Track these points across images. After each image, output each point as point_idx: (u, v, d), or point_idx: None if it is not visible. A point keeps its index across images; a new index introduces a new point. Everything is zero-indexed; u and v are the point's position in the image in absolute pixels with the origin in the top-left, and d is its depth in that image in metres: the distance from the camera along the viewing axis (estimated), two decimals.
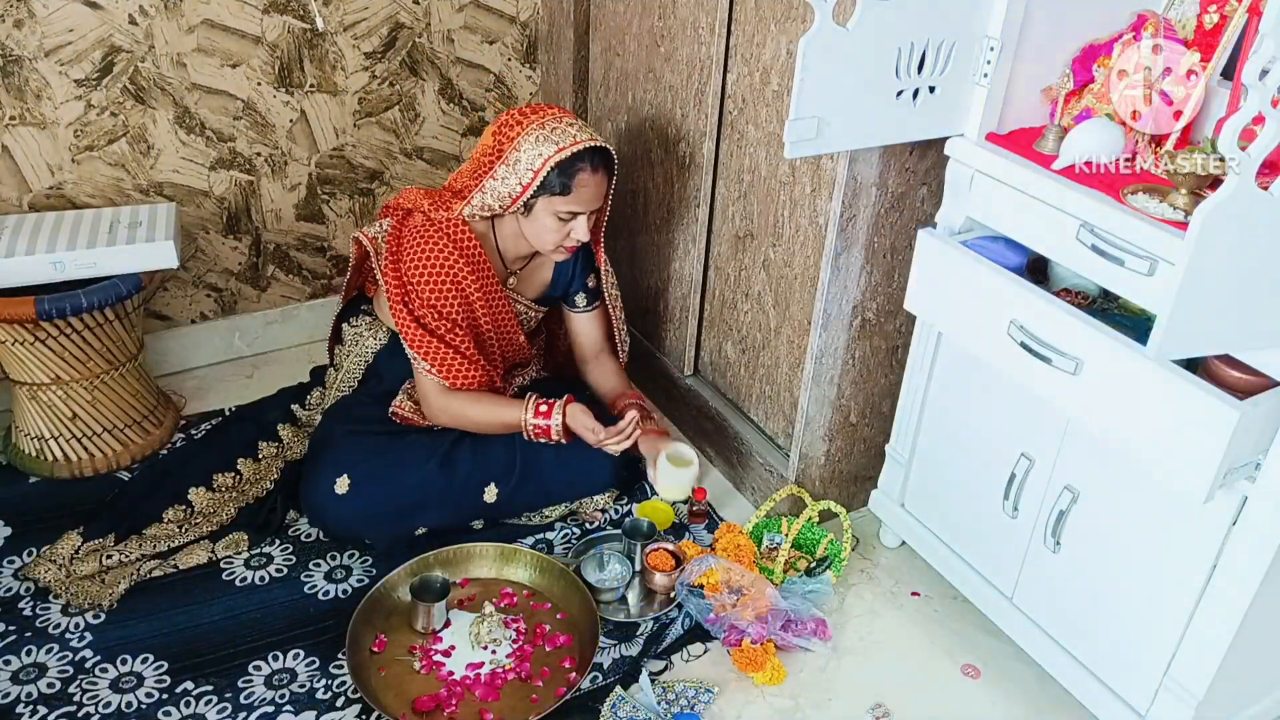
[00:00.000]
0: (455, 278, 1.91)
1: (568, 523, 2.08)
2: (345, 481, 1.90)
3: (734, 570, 1.86)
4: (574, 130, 1.85)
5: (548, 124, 1.85)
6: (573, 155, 1.83)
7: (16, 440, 2.14)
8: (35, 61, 2.07)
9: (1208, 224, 1.12)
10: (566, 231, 1.91)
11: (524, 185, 1.85)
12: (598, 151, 1.87)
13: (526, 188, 1.85)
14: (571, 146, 1.83)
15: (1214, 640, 1.43)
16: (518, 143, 1.85)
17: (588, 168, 1.86)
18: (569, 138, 1.84)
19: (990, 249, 1.61)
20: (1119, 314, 1.54)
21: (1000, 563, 1.78)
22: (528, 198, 1.86)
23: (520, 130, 1.86)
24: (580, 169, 1.85)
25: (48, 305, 1.90)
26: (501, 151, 1.87)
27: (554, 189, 1.85)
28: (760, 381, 2.18)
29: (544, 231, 1.91)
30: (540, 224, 1.90)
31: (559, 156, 1.82)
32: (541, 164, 1.82)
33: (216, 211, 2.40)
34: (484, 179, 1.89)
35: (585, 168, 1.85)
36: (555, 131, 1.84)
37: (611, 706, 1.68)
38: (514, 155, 1.85)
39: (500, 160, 1.87)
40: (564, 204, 1.87)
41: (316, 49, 2.34)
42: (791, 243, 1.97)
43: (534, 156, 1.83)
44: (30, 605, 1.80)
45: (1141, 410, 1.35)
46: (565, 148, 1.83)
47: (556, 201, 1.86)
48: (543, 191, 1.86)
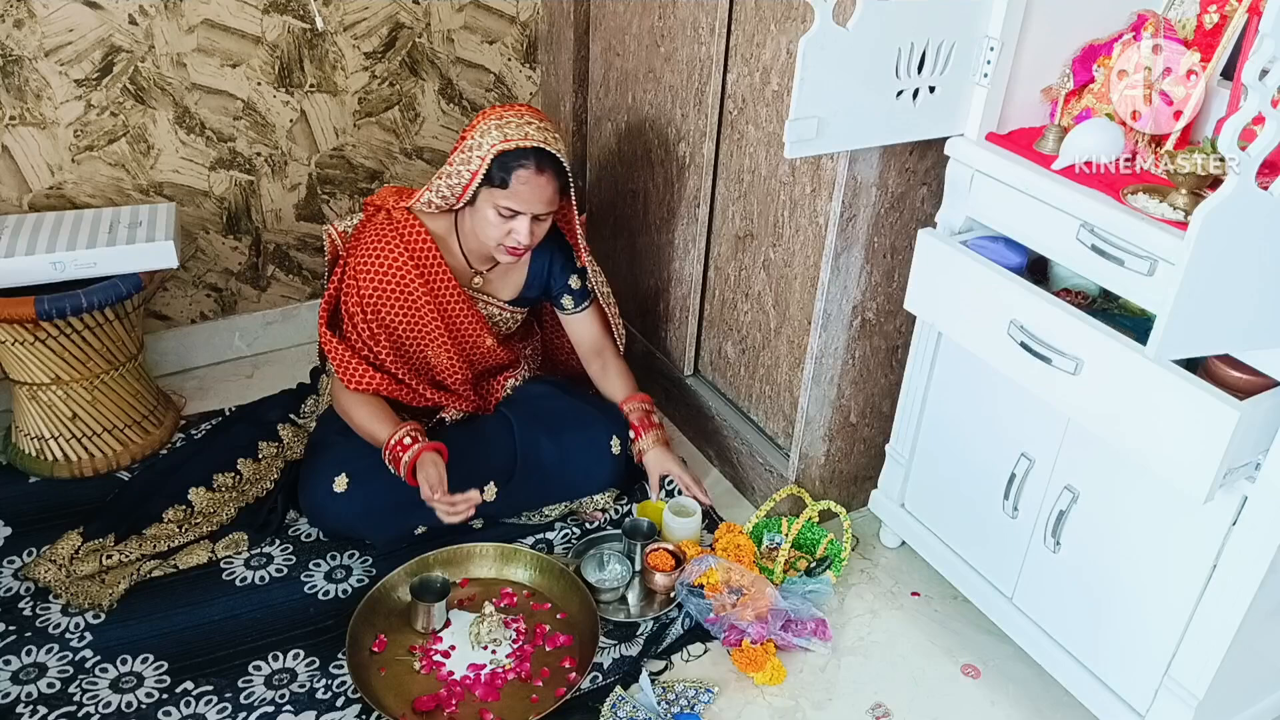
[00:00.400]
0: (399, 278, 1.90)
1: (568, 523, 2.08)
2: (343, 480, 1.90)
3: (734, 570, 1.86)
4: (530, 129, 1.82)
5: (506, 117, 1.83)
6: (516, 150, 1.79)
7: (16, 440, 2.14)
8: (35, 61, 2.07)
9: (1208, 224, 1.12)
10: (507, 230, 1.86)
11: (472, 174, 1.82)
12: (544, 155, 1.82)
13: (473, 177, 1.82)
14: (518, 141, 1.79)
15: (1214, 640, 1.43)
16: (474, 131, 1.84)
17: (531, 166, 1.81)
18: (520, 133, 1.80)
19: (990, 249, 1.61)
20: (1119, 314, 1.54)
21: (1000, 563, 1.78)
22: (474, 188, 1.84)
23: (481, 120, 1.85)
24: (521, 165, 1.80)
25: (48, 305, 1.90)
26: (458, 145, 1.86)
27: (494, 181, 1.82)
28: (760, 381, 2.18)
29: (485, 225, 1.87)
30: (482, 216, 1.86)
31: (503, 147, 1.79)
32: (486, 152, 1.80)
33: (216, 211, 2.40)
34: (445, 166, 1.89)
35: (528, 165, 1.81)
36: (508, 125, 1.81)
37: (611, 706, 1.68)
38: (468, 144, 1.84)
39: (456, 151, 1.86)
40: (503, 198, 1.82)
41: (316, 49, 2.34)
42: (791, 243, 1.97)
43: (482, 145, 1.81)
44: (30, 605, 1.80)
45: (1141, 410, 1.35)
46: (511, 140, 1.79)
47: (497, 194, 1.83)
48: (486, 183, 1.83)
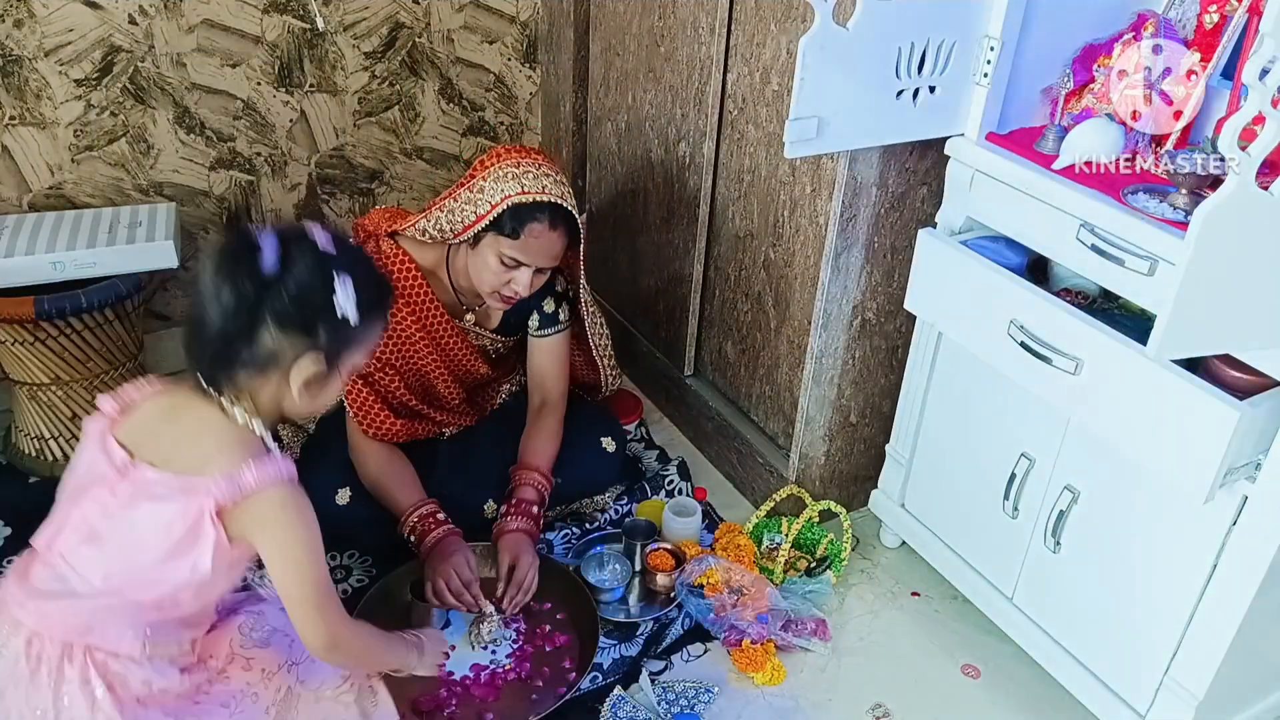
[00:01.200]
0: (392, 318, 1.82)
1: (568, 523, 2.08)
2: (346, 494, 1.88)
3: (734, 570, 1.86)
4: (548, 182, 1.76)
5: (524, 165, 1.77)
6: (533, 204, 1.74)
7: (16, 440, 2.14)
8: (35, 61, 2.07)
9: (1208, 224, 1.12)
10: (508, 279, 1.81)
11: (478, 216, 1.76)
12: (560, 211, 1.78)
13: (480, 219, 1.77)
14: (535, 194, 1.74)
15: (1214, 640, 1.43)
16: (489, 173, 1.78)
17: (545, 222, 1.76)
18: (538, 185, 1.75)
19: (990, 249, 1.61)
20: (1119, 314, 1.54)
21: (1000, 563, 1.78)
22: (478, 229, 1.78)
23: (496, 162, 1.79)
24: (535, 220, 1.75)
25: (48, 305, 1.90)
26: (473, 177, 1.81)
27: (504, 229, 1.76)
28: (760, 381, 2.18)
29: (484, 270, 1.81)
30: (483, 261, 1.80)
31: (519, 199, 1.73)
32: (500, 200, 1.74)
33: (216, 211, 2.40)
34: (441, 202, 1.83)
35: (542, 221, 1.76)
36: (527, 175, 1.76)
37: (611, 706, 1.68)
38: (480, 184, 1.78)
39: (467, 185, 1.81)
40: (510, 248, 1.77)
41: (316, 49, 2.34)
42: (791, 243, 1.97)
43: (496, 191, 1.75)
44: None
45: (1141, 410, 1.35)
46: (528, 192, 1.74)
47: (503, 243, 1.77)
48: (493, 228, 1.76)
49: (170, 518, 1.17)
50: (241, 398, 1.22)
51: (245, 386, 1.22)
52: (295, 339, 1.20)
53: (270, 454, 1.22)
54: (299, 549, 1.22)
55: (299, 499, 1.23)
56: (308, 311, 1.19)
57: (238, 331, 1.17)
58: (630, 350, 2.54)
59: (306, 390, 1.24)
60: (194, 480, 1.17)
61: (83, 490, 1.22)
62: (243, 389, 1.22)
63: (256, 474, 1.18)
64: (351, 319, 1.21)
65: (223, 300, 1.16)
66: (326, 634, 1.27)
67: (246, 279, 1.16)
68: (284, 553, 1.22)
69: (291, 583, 1.23)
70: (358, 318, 1.22)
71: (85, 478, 1.23)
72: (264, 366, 1.20)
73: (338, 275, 1.19)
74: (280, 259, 1.17)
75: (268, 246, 1.16)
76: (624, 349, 2.47)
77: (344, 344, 1.24)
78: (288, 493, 1.21)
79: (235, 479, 1.17)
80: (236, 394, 1.22)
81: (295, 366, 1.21)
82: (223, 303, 1.16)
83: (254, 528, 1.20)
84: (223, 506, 1.18)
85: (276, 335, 1.18)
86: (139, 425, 1.24)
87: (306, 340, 1.20)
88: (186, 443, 1.21)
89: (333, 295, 1.18)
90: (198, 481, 1.17)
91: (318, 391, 1.26)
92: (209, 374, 1.21)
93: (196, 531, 1.17)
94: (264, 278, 1.16)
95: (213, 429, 1.22)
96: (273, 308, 1.17)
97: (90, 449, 1.24)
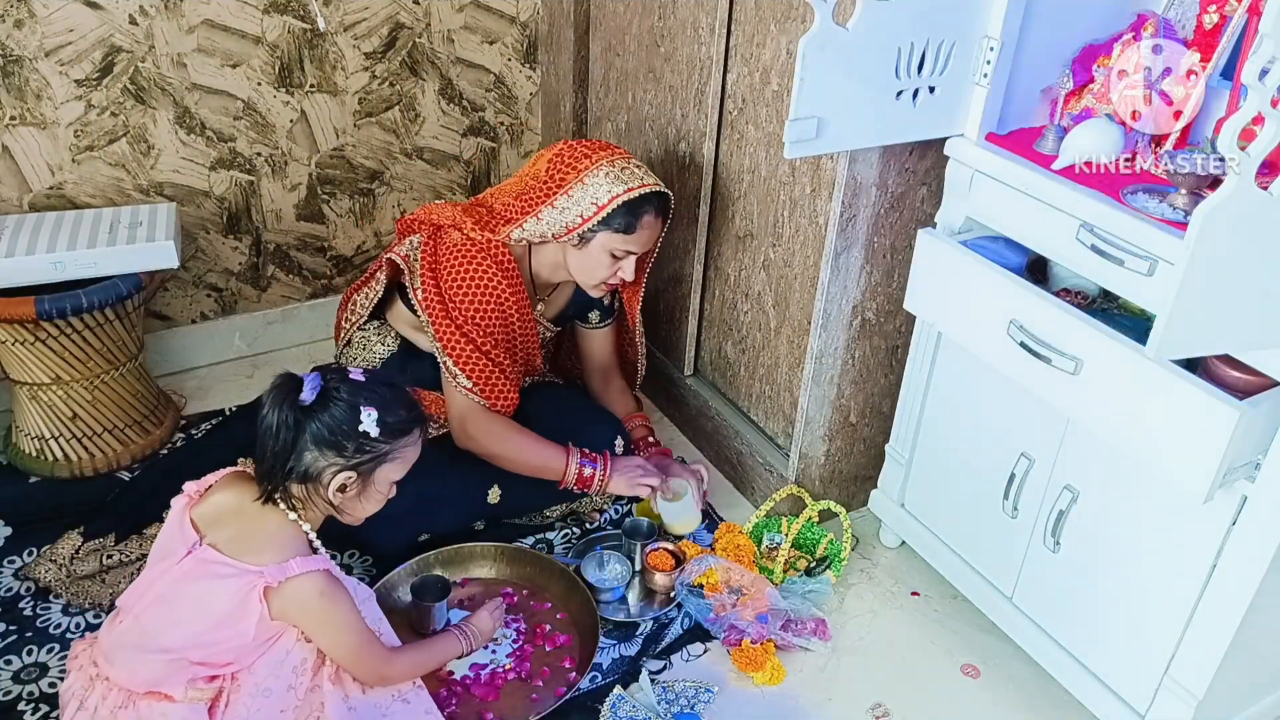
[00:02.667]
0: (498, 298, 1.91)
1: (568, 523, 2.08)
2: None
3: (734, 570, 1.86)
4: (641, 173, 1.89)
5: (617, 163, 1.88)
6: (641, 197, 1.86)
7: (17, 440, 2.14)
8: (35, 61, 2.07)
9: (1208, 224, 1.12)
10: (615, 270, 1.93)
11: (585, 218, 1.86)
12: (662, 197, 1.91)
13: (587, 220, 1.86)
14: (640, 188, 1.86)
15: (1214, 640, 1.43)
16: (584, 176, 1.86)
17: (653, 211, 1.90)
18: (637, 180, 1.87)
19: (990, 249, 1.61)
20: (1119, 314, 1.54)
21: (1000, 563, 1.78)
22: (586, 230, 1.87)
23: (589, 164, 1.87)
24: (646, 210, 1.88)
25: (48, 305, 1.90)
26: (565, 182, 1.88)
27: (617, 226, 1.87)
28: (760, 381, 2.18)
29: (596, 266, 1.93)
30: (594, 258, 1.92)
31: (628, 196, 1.85)
32: (609, 200, 1.84)
33: (217, 211, 2.40)
34: (539, 206, 1.89)
35: (651, 210, 1.89)
36: (625, 172, 1.87)
37: (611, 706, 1.68)
38: (579, 188, 1.86)
39: (562, 190, 1.87)
40: (623, 242, 1.89)
41: (316, 49, 2.34)
42: (791, 243, 1.97)
43: (601, 192, 1.85)
44: (31, 605, 1.80)
45: (1141, 410, 1.35)
46: (634, 188, 1.85)
47: (616, 239, 1.88)
48: (605, 226, 1.87)
49: (226, 593, 1.41)
50: (294, 503, 1.46)
51: (296, 494, 1.46)
52: (329, 457, 1.44)
53: (315, 551, 1.48)
54: (334, 628, 1.47)
55: (335, 588, 1.46)
56: (338, 434, 1.43)
57: (284, 450, 1.43)
58: None
59: (345, 498, 1.48)
60: (249, 566, 1.42)
61: (160, 558, 1.48)
62: (294, 496, 1.46)
63: (300, 566, 1.43)
64: (376, 439, 1.45)
65: (274, 425, 1.42)
66: (373, 677, 1.52)
67: (290, 408, 1.42)
68: (323, 629, 1.47)
69: (331, 648, 1.48)
70: (383, 440, 1.46)
71: (165, 547, 1.48)
72: (306, 478, 1.45)
73: (364, 405, 1.44)
74: (318, 392, 1.43)
75: (309, 383, 1.42)
76: None
77: (373, 462, 1.48)
78: (324, 583, 1.45)
79: (283, 568, 1.42)
80: (289, 500, 1.46)
81: (333, 480, 1.45)
82: (274, 427, 1.42)
83: (294, 608, 1.44)
84: (269, 587, 1.42)
85: (314, 453, 1.43)
86: (211, 511, 1.48)
87: (340, 459, 1.44)
88: (247, 535, 1.45)
89: (359, 422, 1.43)
90: (251, 567, 1.42)
91: (355, 501, 1.50)
92: (267, 483, 1.45)
93: (245, 606, 1.41)
94: (304, 407, 1.42)
95: (269, 526, 1.46)
96: (311, 431, 1.42)
97: (172, 523, 1.49)
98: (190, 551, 1.44)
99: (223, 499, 1.49)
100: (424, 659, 1.63)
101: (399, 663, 1.56)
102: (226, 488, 1.50)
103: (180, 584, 1.44)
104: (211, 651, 1.44)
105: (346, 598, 1.48)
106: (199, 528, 1.46)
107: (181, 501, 1.50)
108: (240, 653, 1.44)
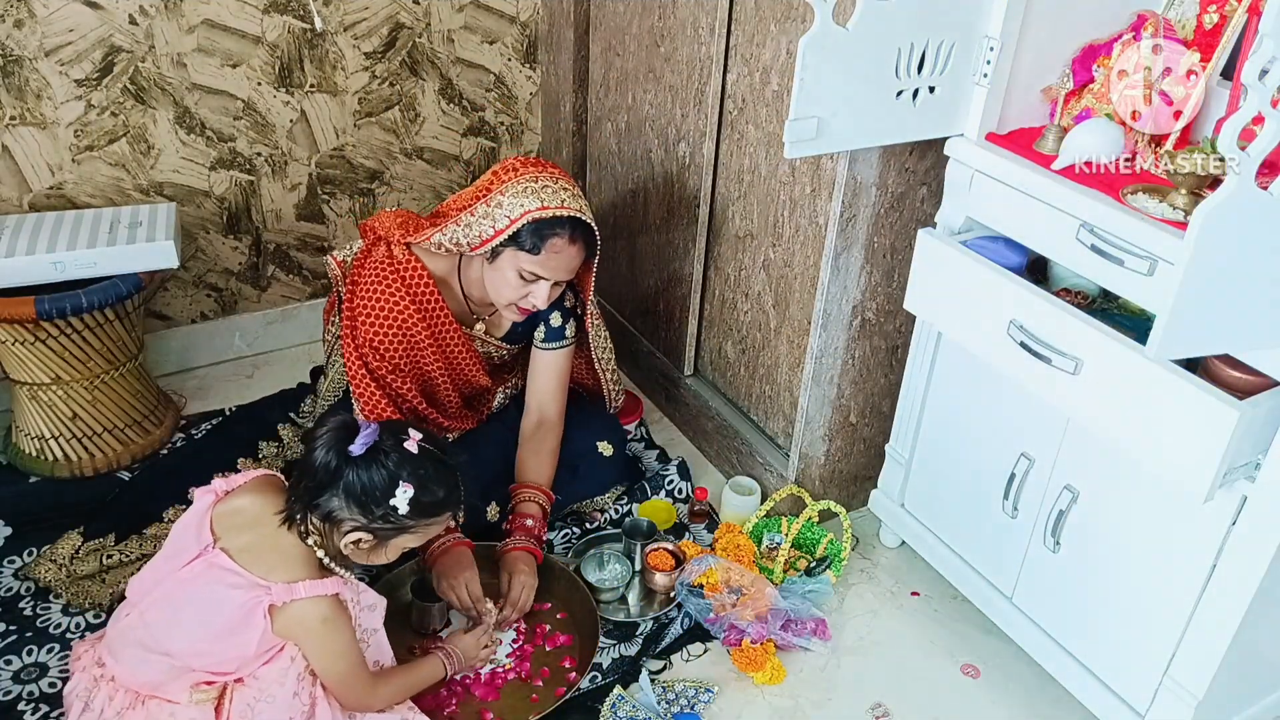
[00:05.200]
0: (401, 321, 1.85)
1: (568, 523, 2.08)
2: None
3: (734, 570, 1.86)
4: (565, 195, 1.78)
5: (541, 179, 1.79)
6: (553, 218, 1.76)
7: (17, 440, 2.14)
8: (35, 61, 2.07)
9: (1208, 224, 1.12)
10: (526, 293, 1.83)
11: (496, 231, 1.77)
12: (579, 224, 1.79)
13: (498, 234, 1.77)
14: (555, 210, 1.76)
15: (1214, 640, 1.43)
16: (505, 188, 1.79)
17: (565, 236, 1.78)
18: (556, 200, 1.76)
19: (990, 249, 1.61)
20: (1119, 314, 1.54)
21: (1000, 563, 1.78)
22: (496, 244, 1.79)
23: (514, 176, 1.80)
24: (556, 235, 1.77)
25: (48, 305, 1.90)
26: (489, 191, 1.81)
27: (524, 244, 1.77)
28: (760, 381, 2.18)
29: (503, 285, 1.83)
30: (502, 276, 1.82)
31: (538, 214, 1.75)
32: (520, 215, 1.75)
33: (217, 211, 2.40)
34: (462, 213, 1.83)
35: (562, 235, 1.78)
36: (545, 190, 1.77)
37: (611, 706, 1.69)
38: (498, 199, 1.79)
39: (484, 199, 1.81)
40: (529, 263, 1.79)
41: (316, 49, 2.34)
42: (791, 243, 1.97)
43: (515, 206, 1.76)
44: (31, 605, 1.80)
45: (1141, 410, 1.35)
46: (548, 207, 1.75)
47: (523, 258, 1.78)
48: (512, 243, 1.78)
49: (232, 604, 1.41)
50: (311, 531, 1.46)
51: (315, 527, 1.46)
52: (353, 512, 1.44)
53: (324, 576, 1.46)
54: (329, 654, 1.47)
55: (338, 614, 1.46)
56: (369, 497, 1.43)
57: (319, 486, 1.43)
58: (630, 350, 2.54)
59: (356, 549, 1.48)
60: (258, 580, 1.42)
61: (174, 552, 1.47)
62: (314, 527, 1.46)
63: (307, 590, 1.43)
64: (403, 515, 1.45)
65: (320, 459, 1.43)
66: (356, 704, 1.53)
67: (338, 452, 1.42)
68: (319, 652, 1.47)
69: (322, 670, 1.48)
70: (410, 517, 1.46)
71: (180, 539, 1.48)
72: (326, 520, 1.45)
73: (404, 481, 1.43)
74: (368, 448, 1.43)
75: (362, 435, 1.43)
76: (624, 349, 2.48)
77: (391, 531, 1.48)
78: (329, 609, 1.45)
79: (290, 589, 1.42)
80: (308, 526, 1.45)
81: (349, 533, 1.45)
82: (319, 461, 1.43)
83: (297, 628, 1.44)
84: (274, 605, 1.42)
85: (341, 502, 1.43)
86: (232, 513, 1.47)
87: (362, 518, 1.44)
88: (262, 547, 1.45)
89: (392, 495, 1.43)
90: (260, 581, 1.42)
91: (365, 555, 1.50)
92: (294, 505, 1.45)
93: (249, 620, 1.41)
94: (349, 456, 1.42)
95: (283, 543, 1.45)
96: (345, 481, 1.43)
97: (192, 516, 1.48)
98: (202, 553, 1.44)
99: (248, 503, 1.48)
100: (408, 684, 1.61)
101: (383, 690, 1.55)
102: (254, 492, 1.50)
103: (187, 586, 1.43)
104: (213, 660, 1.44)
105: (347, 624, 1.48)
106: (215, 528, 1.45)
107: (208, 499, 1.49)
108: (242, 663, 1.44)
